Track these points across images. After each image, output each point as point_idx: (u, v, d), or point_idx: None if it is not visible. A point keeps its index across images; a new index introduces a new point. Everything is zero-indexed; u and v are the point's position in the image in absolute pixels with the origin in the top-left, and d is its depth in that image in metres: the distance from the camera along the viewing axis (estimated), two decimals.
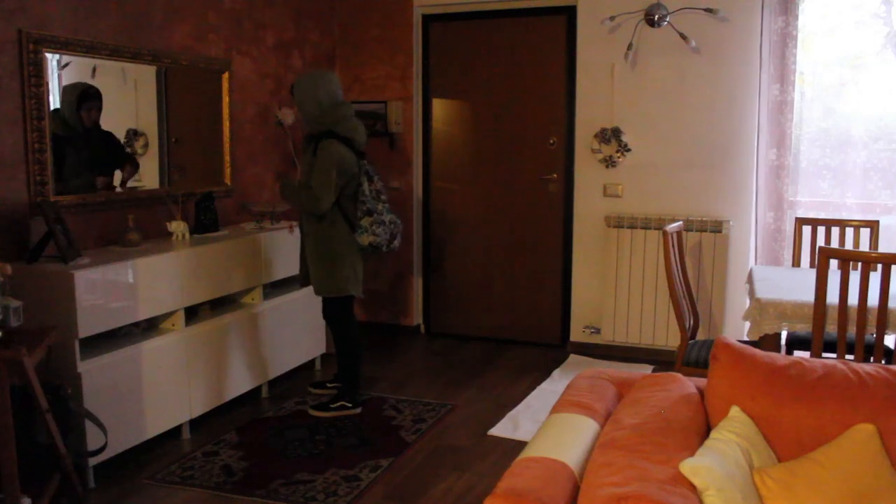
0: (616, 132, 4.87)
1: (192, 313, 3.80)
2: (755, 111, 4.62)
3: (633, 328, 4.92)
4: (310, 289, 4.36)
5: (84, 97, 3.62)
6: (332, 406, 3.99)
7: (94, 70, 3.60)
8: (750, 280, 3.78)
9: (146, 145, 3.98)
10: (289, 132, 4.89)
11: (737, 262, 4.73)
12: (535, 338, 5.32)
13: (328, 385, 4.28)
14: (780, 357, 2.09)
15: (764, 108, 4.58)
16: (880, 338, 3.07)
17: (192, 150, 4.37)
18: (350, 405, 4.02)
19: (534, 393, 4.34)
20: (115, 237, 3.68)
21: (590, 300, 5.10)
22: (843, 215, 4.48)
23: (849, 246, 4.11)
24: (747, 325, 3.37)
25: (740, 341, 2.23)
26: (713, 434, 1.91)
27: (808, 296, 3.17)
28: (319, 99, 3.79)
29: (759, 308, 3.23)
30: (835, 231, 4.16)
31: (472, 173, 5.38)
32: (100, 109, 3.71)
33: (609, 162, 4.91)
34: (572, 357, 5.02)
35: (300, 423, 3.89)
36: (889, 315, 3.06)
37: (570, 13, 4.99)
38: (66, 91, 3.56)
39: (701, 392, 2.16)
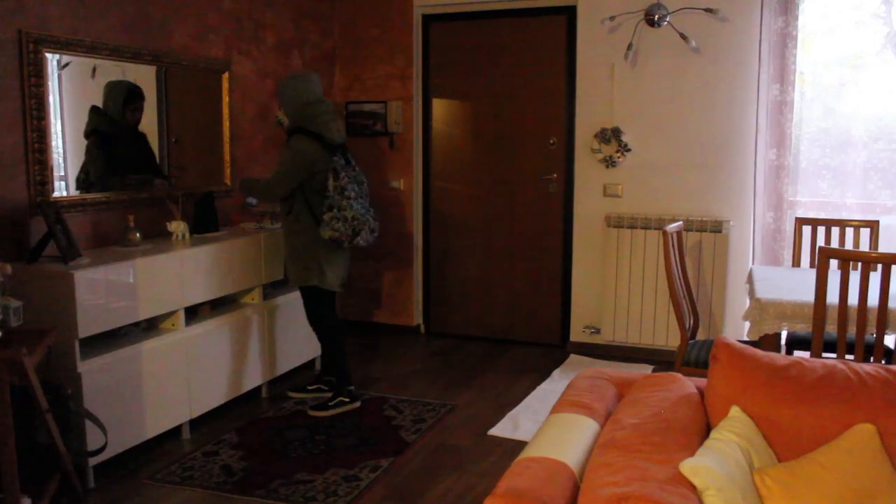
0: (616, 132, 4.87)
1: (192, 313, 3.80)
2: (755, 111, 4.62)
3: (633, 328, 4.92)
4: None
5: (131, 96, 3.80)
6: (330, 404, 4.00)
7: (94, 70, 3.60)
8: (750, 280, 3.78)
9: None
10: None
11: (737, 262, 4.73)
12: (535, 338, 5.32)
13: (308, 388, 4.28)
14: (780, 357, 2.09)
15: (764, 108, 4.58)
16: (880, 338, 3.07)
17: (192, 150, 4.37)
18: (348, 400, 4.04)
19: (534, 393, 4.34)
20: (115, 237, 3.68)
21: (590, 300, 5.10)
22: (843, 215, 4.48)
23: (849, 246, 4.11)
24: (747, 325, 3.37)
25: (740, 341, 2.23)
26: (713, 434, 1.91)
27: (808, 296, 3.17)
28: (299, 98, 3.89)
29: (759, 308, 3.23)
30: (835, 231, 4.16)
31: (472, 173, 5.38)
32: (142, 111, 3.89)
33: (609, 162, 4.91)
34: (572, 357, 5.02)
35: (300, 423, 3.89)
36: (889, 315, 3.06)
37: (570, 13, 4.99)
38: (111, 88, 3.69)
39: (701, 392, 2.16)
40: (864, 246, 4.14)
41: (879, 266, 3.06)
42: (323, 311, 4.07)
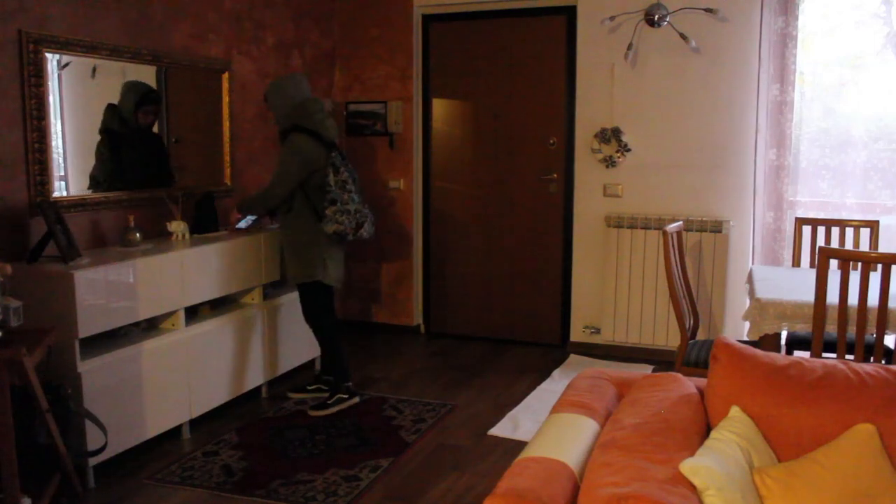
0: (616, 132, 4.87)
1: (192, 313, 3.80)
2: (755, 111, 4.62)
3: (633, 328, 4.92)
4: None
5: (144, 100, 3.83)
6: (329, 402, 4.01)
7: (94, 70, 3.61)
8: (750, 280, 3.78)
9: None
10: None
11: (737, 262, 4.73)
12: (535, 338, 5.32)
13: (308, 389, 4.28)
14: (780, 357, 2.09)
15: (763, 108, 4.58)
16: (880, 338, 3.07)
17: (192, 150, 4.37)
18: (346, 397, 4.05)
19: (534, 393, 4.34)
20: (115, 237, 3.68)
21: (590, 300, 5.10)
22: (843, 215, 4.48)
23: (849, 246, 4.11)
24: (747, 325, 3.37)
25: (740, 341, 2.23)
26: (713, 434, 1.91)
27: (808, 296, 3.17)
28: (289, 98, 3.92)
29: (759, 308, 3.23)
30: (835, 231, 4.16)
31: (472, 173, 5.38)
32: (156, 114, 3.93)
33: (609, 162, 4.91)
34: (572, 357, 5.02)
35: (300, 423, 3.89)
36: (889, 315, 3.06)
37: (570, 13, 4.99)
38: (128, 89, 3.73)
39: (701, 392, 2.16)
40: (864, 246, 4.14)
41: (879, 266, 3.06)
42: (321, 309, 4.08)
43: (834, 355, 3.19)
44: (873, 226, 4.07)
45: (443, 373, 4.74)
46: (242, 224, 4.16)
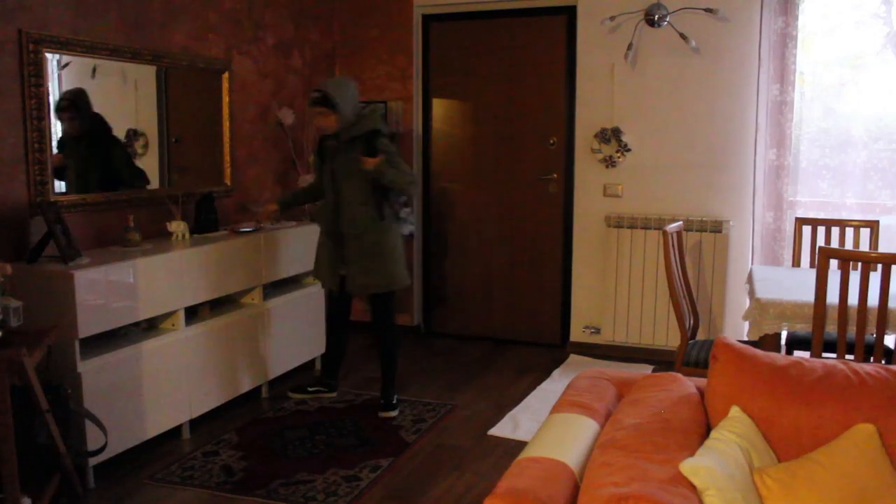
0: (616, 132, 4.87)
1: (192, 313, 3.80)
2: (755, 111, 4.62)
3: (633, 328, 4.92)
4: (310, 289, 4.38)
5: (58, 107, 3.44)
6: (394, 403, 4.03)
7: (94, 70, 3.60)
8: (750, 280, 3.78)
9: (146, 145, 3.98)
10: (289, 132, 4.89)
11: (737, 262, 4.73)
12: (535, 338, 5.32)
13: (308, 389, 4.27)
14: (780, 357, 2.09)
15: (763, 108, 4.58)
16: (880, 338, 3.07)
17: (192, 150, 4.37)
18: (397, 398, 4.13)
19: (534, 393, 4.34)
20: (115, 237, 3.68)
21: (590, 300, 5.10)
22: (843, 215, 4.48)
23: (849, 246, 4.11)
24: (747, 325, 3.37)
25: (740, 341, 2.23)
26: (713, 434, 1.91)
27: (808, 296, 3.17)
28: (356, 100, 3.90)
29: (759, 308, 3.23)
30: (835, 231, 4.16)
31: (472, 173, 5.38)
32: (77, 119, 3.58)
33: (609, 162, 4.91)
34: (572, 357, 5.02)
35: (300, 423, 3.89)
36: (889, 315, 3.06)
37: (570, 13, 4.99)
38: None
39: (701, 392, 2.16)
40: (864, 246, 4.14)
41: (879, 266, 3.06)
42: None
43: (834, 355, 3.19)
44: (873, 226, 4.08)
45: (443, 373, 4.74)
46: (246, 228, 4.15)
